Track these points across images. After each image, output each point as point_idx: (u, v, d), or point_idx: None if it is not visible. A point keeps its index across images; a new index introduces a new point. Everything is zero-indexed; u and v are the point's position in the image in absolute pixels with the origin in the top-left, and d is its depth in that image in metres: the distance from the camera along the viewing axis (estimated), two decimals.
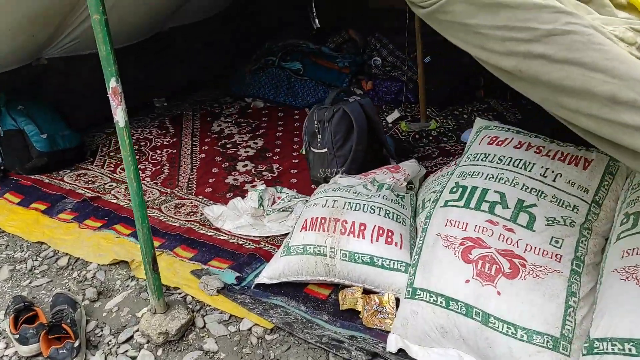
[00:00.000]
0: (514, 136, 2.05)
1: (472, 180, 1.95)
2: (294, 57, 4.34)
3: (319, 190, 2.40)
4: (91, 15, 1.74)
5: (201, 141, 3.70)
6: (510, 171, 1.91)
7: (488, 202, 1.85)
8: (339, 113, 2.75)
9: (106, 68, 1.80)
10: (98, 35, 1.75)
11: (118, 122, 1.86)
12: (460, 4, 1.24)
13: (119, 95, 1.82)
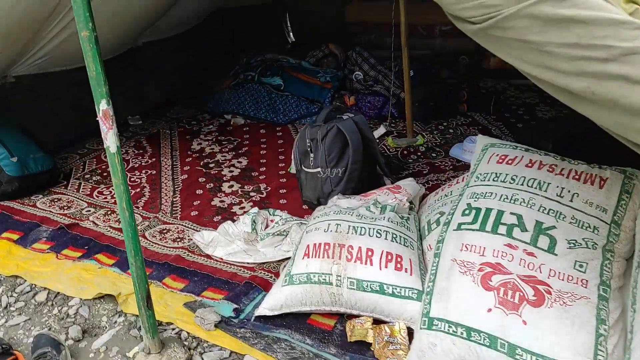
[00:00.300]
0: (523, 154, 1.98)
1: (486, 202, 1.86)
2: (274, 72, 4.23)
3: (318, 214, 2.28)
4: (79, 32, 1.59)
5: (182, 161, 3.53)
6: (525, 192, 1.83)
7: (505, 225, 1.77)
8: (333, 131, 2.65)
9: (96, 89, 1.65)
10: (87, 54, 1.60)
11: (109, 147, 1.70)
12: (524, 19, 1.13)
13: (110, 118, 1.67)
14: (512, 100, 4.29)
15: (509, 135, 3.67)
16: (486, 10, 1.20)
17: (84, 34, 1.58)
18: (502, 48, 1.25)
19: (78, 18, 1.57)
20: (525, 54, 1.20)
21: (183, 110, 4.42)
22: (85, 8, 1.56)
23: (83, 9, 1.56)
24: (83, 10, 1.56)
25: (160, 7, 3.69)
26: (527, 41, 1.15)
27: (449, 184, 2.38)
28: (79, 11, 1.56)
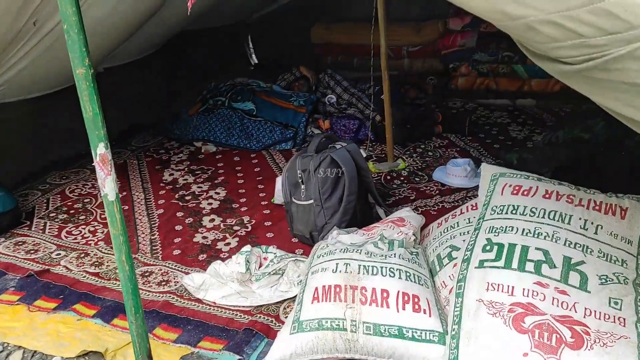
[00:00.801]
0: (538, 184, 1.92)
1: (507, 237, 1.79)
2: (245, 96, 4.08)
3: (321, 252, 2.15)
4: (74, 69, 1.43)
5: (155, 194, 3.33)
6: (548, 225, 1.77)
7: (532, 262, 1.70)
8: (326, 161, 2.53)
9: (92, 131, 1.48)
10: (83, 92, 1.44)
11: (107, 195, 1.53)
12: (637, 60, 1.02)
13: (108, 163, 1.51)
14: (483, 120, 4.30)
15: (487, 156, 3.66)
16: (589, 50, 1.06)
17: (80, 72, 1.42)
18: (603, 91, 1.15)
19: (73, 54, 1.40)
20: (634, 98, 1.10)
21: (148, 139, 4.19)
22: (82, 43, 1.40)
23: (79, 45, 1.39)
24: (79, 46, 1.39)
25: (126, 31, 3.49)
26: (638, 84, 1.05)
27: (452, 215, 2.31)
28: (74, 47, 1.39)
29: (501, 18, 1.14)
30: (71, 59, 1.42)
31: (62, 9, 1.37)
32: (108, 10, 3.06)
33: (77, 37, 1.39)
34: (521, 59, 4.47)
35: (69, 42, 1.40)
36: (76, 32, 1.39)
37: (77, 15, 1.38)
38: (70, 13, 1.37)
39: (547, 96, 4.49)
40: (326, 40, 5.13)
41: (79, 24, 1.39)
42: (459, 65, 4.69)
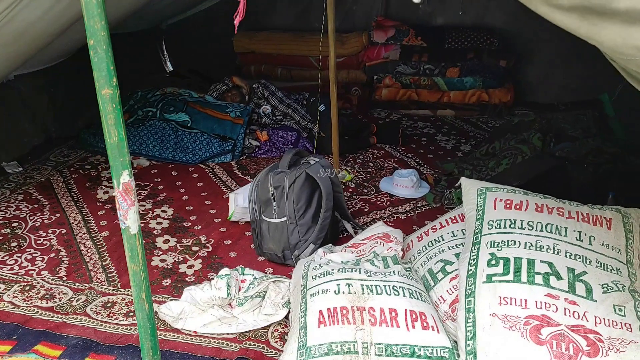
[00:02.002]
0: (527, 198, 2.03)
1: (511, 251, 1.87)
2: (177, 107, 3.88)
3: (315, 273, 2.09)
4: (99, 90, 1.27)
5: (94, 215, 3.05)
6: (547, 238, 1.87)
7: (540, 274, 1.78)
8: (302, 177, 2.48)
9: (116, 159, 1.33)
10: (108, 116, 1.29)
11: (129, 227, 1.39)
12: None
13: (132, 193, 1.36)
14: (410, 131, 4.47)
15: (425, 166, 3.79)
16: None
17: (106, 93, 1.27)
18: None
19: (99, 73, 1.25)
20: None
21: (68, 153, 3.85)
22: (110, 61, 1.25)
23: (107, 63, 1.25)
24: (107, 64, 1.25)
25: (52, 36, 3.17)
26: None
27: (431, 228, 2.36)
28: (101, 65, 1.24)
29: (634, 53, 1.16)
30: (96, 78, 1.26)
31: (90, 22, 1.21)
32: (40, 14, 2.77)
33: (106, 55, 1.24)
34: (441, 72, 4.71)
35: (94, 59, 1.24)
36: (104, 49, 1.24)
37: (106, 30, 1.23)
38: (99, 27, 1.22)
39: (464, 107, 4.77)
40: (249, 49, 5.03)
41: (107, 39, 1.24)
42: (383, 77, 4.82)
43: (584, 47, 4.28)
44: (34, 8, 2.68)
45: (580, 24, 0.90)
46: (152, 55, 5.30)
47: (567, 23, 0.93)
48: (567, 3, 0.89)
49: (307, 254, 2.50)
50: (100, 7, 1.20)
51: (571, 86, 4.82)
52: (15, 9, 2.54)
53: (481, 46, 4.65)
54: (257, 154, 3.87)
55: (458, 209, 2.37)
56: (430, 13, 5.01)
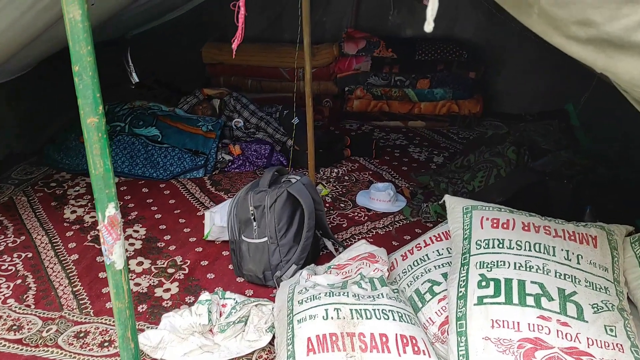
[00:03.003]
0: (513, 217, 2.02)
1: (501, 272, 1.85)
2: (147, 121, 3.77)
3: (301, 297, 2.03)
4: (84, 118, 1.19)
5: (62, 236, 2.91)
6: (536, 257, 1.87)
7: (532, 296, 1.77)
8: (283, 196, 2.42)
9: (102, 191, 1.25)
10: (94, 146, 1.22)
11: (114, 263, 1.30)
12: None
13: (117, 226, 1.28)
14: (383, 142, 4.46)
15: (400, 179, 3.78)
16: None
17: (91, 121, 1.20)
18: None
19: (85, 100, 1.17)
20: None
21: (31, 170, 3.68)
22: (96, 88, 1.18)
23: (93, 90, 1.18)
24: (93, 91, 1.18)
25: (17, 48, 3.02)
26: None
27: (416, 247, 2.33)
28: (86, 92, 1.17)
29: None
30: (81, 105, 1.18)
31: (76, 48, 1.13)
32: (7, 24, 2.63)
33: (92, 81, 1.17)
34: (412, 84, 4.73)
35: (79, 86, 1.16)
36: (90, 76, 1.16)
37: (93, 55, 1.15)
38: (85, 53, 1.14)
39: (435, 118, 4.80)
40: (218, 60, 4.94)
41: (94, 65, 1.16)
42: (354, 89, 4.81)
43: (550, 57, 4.37)
44: (1, 19, 2.55)
45: (597, 56, 0.89)
46: (117, 66, 5.14)
47: (583, 55, 0.91)
48: (584, 35, 0.87)
49: (289, 275, 2.44)
50: (87, 32, 1.12)
51: (538, 96, 4.91)
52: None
53: (450, 58, 4.69)
54: (230, 168, 3.79)
55: (441, 227, 2.36)
56: (399, 24, 5.03)
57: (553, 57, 4.41)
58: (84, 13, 1.12)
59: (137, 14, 4.21)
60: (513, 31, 4.49)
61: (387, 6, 4.95)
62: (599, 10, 0.84)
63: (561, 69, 4.58)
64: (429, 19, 0.93)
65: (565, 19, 0.88)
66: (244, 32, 1.15)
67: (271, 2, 5.07)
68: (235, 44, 1.17)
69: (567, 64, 4.38)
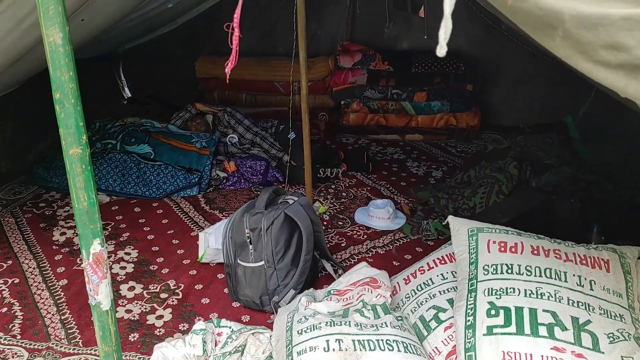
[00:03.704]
0: (521, 240, 1.94)
1: (511, 299, 1.76)
2: (139, 138, 3.67)
3: (301, 326, 1.94)
4: (65, 149, 1.10)
5: (50, 260, 2.81)
6: (547, 284, 1.78)
7: (544, 325, 1.68)
8: (280, 219, 2.33)
9: (86, 226, 1.16)
10: (77, 179, 1.13)
11: (100, 304, 1.20)
12: None
13: (104, 264, 1.18)
14: (380, 157, 4.38)
15: (398, 194, 3.70)
16: None
17: (74, 152, 1.11)
18: None
19: (67, 130, 1.09)
20: None
21: (20, 190, 3.58)
22: (79, 117, 1.09)
23: (75, 118, 1.09)
24: (75, 120, 1.09)
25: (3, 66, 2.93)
26: None
27: (419, 270, 2.24)
28: (68, 121, 1.08)
29: None
30: (62, 135, 1.09)
31: (56, 73, 1.05)
32: None
33: (74, 109, 1.08)
34: (409, 97, 4.66)
35: (61, 114, 1.07)
36: (73, 103, 1.07)
37: (75, 81, 1.07)
38: (67, 79, 1.05)
39: (432, 132, 4.73)
40: (212, 74, 4.86)
41: (76, 92, 1.07)
42: (351, 102, 4.73)
43: (547, 69, 4.31)
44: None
45: (628, 82, 0.81)
46: (109, 82, 5.05)
47: (612, 81, 0.84)
48: (615, 60, 0.80)
49: (287, 300, 2.34)
50: (69, 56, 1.04)
51: (535, 108, 4.86)
52: None
53: (447, 70, 4.62)
54: (225, 185, 3.69)
55: (445, 249, 2.27)
56: (395, 37, 4.97)
57: (550, 70, 4.42)
58: (66, 36, 1.03)
59: (128, 28, 4.13)
60: (509, 43, 4.46)
61: (382, 18, 4.87)
62: (631, 33, 0.77)
63: (558, 81, 4.56)
64: (442, 42, 0.85)
65: (592, 43, 0.81)
66: (238, 51, 1.07)
67: (264, 15, 5.01)
68: (229, 67, 1.09)
69: (564, 77, 4.37)
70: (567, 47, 0.84)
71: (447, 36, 0.83)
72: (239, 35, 1.03)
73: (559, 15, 0.79)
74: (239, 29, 1.02)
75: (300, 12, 2.88)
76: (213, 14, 4.85)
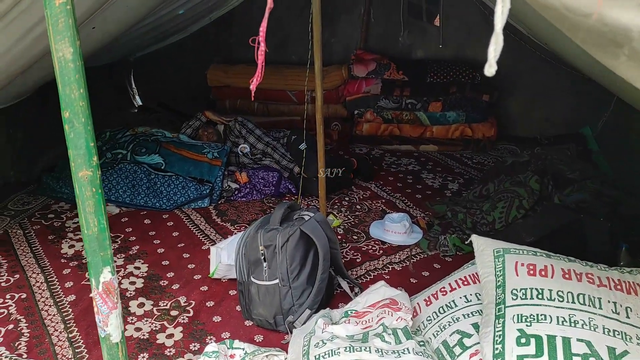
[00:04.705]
0: (551, 262, 1.84)
1: (543, 327, 1.66)
2: (150, 148, 3.61)
3: (318, 351, 1.84)
4: (75, 171, 1.03)
5: (58, 274, 2.74)
6: (581, 311, 1.68)
7: (579, 356, 1.58)
8: (295, 236, 2.24)
9: (96, 253, 1.08)
10: (87, 202, 1.05)
11: (110, 336, 1.12)
12: None
13: (114, 293, 1.10)
14: (395, 168, 4.29)
15: (414, 207, 3.61)
16: None
17: (84, 175, 1.02)
18: None
19: (76, 152, 1.01)
20: None
21: (28, 200, 3.51)
22: (90, 137, 1.01)
23: (86, 139, 1.01)
24: (86, 141, 1.01)
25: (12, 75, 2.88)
26: None
27: (440, 291, 2.15)
28: (78, 142, 1.01)
29: None
30: (72, 157, 1.01)
31: (66, 91, 0.97)
32: (2, 51, 2.49)
33: (84, 129, 1.00)
34: (423, 107, 4.58)
35: (70, 134, 1.00)
36: (83, 123, 0.99)
37: (86, 99, 0.99)
38: (77, 97, 0.98)
39: (447, 142, 4.63)
40: (224, 83, 4.79)
41: (87, 110, 0.99)
42: (364, 112, 4.65)
43: (564, 80, 4.20)
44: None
45: None
46: (120, 90, 5.00)
47: None
48: None
49: (302, 321, 2.25)
50: (79, 72, 0.96)
51: (552, 119, 4.76)
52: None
53: (463, 80, 4.53)
54: (236, 197, 3.61)
55: (467, 269, 2.18)
56: (409, 46, 4.89)
57: (568, 80, 4.32)
58: (76, 51, 0.96)
59: (139, 35, 4.08)
60: (527, 53, 4.36)
61: (397, 27, 4.82)
62: None
63: (576, 92, 4.47)
64: (491, 60, 0.76)
65: None
66: (264, 67, 0.99)
67: (277, 24, 4.95)
68: (254, 84, 1.01)
69: (582, 88, 4.27)
70: (634, 67, 0.75)
71: (498, 54, 0.75)
72: (266, 50, 0.95)
73: (627, 32, 0.70)
74: (264, 44, 0.94)
75: (316, 21, 2.80)
76: (224, 22, 4.80)
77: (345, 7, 4.88)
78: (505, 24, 0.73)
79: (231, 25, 5.03)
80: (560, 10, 0.76)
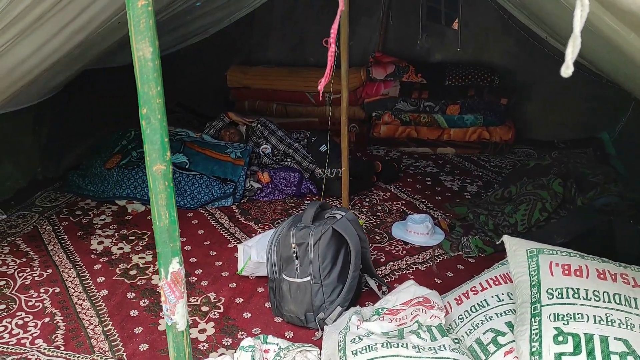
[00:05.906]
0: (586, 263, 1.87)
1: (580, 326, 1.70)
2: (174, 148, 3.65)
3: (355, 347, 1.88)
4: (149, 166, 1.07)
5: (89, 269, 2.78)
6: (617, 310, 1.71)
7: (616, 354, 1.61)
8: (328, 234, 2.28)
9: (166, 244, 1.12)
10: (159, 195, 1.10)
11: (177, 324, 1.16)
12: None
13: (181, 283, 1.15)
14: (413, 170, 4.33)
15: (434, 209, 3.64)
16: None
17: (158, 169, 1.07)
18: None
19: (152, 146, 1.05)
20: None
21: (56, 197, 3.57)
22: (164, 132, 1.05)
23: (161, 135, 1.05)
24: (161, 136, 1.05)
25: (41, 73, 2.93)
26: None
27: (471, 290, 2.18)
28: (154, 137, 1.05)
29: None
30: (147, 151, 1.06)
31: (144, 88, 1.01)
32: (32, 50, 2.55)
33: (160, 125, 1.04)
34: (441, 109, 4.61)
35: (147, 130, 1.04)
36: (159, 119, 1.04)
37: (162, 96, 1.03)
38: (154, 94, 1.02)
39: (465, 145, 4.66)
40: (244, 84, 4.84)
41: (163, 108, 1.04)
42: (382, 114, 4.69)
43: (582, 85, 4.22)
44: (26, 45, 2.47)
45: None
46: None
47: None
48: None
49: (333, 318, 2.29)
50: (157, 71, 1.01)
51: (569, 124, 4.78)
52: (8, 43, 2.32)
53: (482, 84, 4.57)
54: (258, 196, 3.66)
55: (498, 269, 2.21)
56: (428, 49, 4.93)
57: (586, 85, 4.35)
58: (155, 51, 1.00)
59: (161, 35, 4.12)
60: (545, 57, 4.39)
61: (415, 30, 4.86)
62: None
63: (594, 96, 4.49)
64: (569, 62, 0.80)
65: None
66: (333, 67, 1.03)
67: (296, 26, 5.00)
68: (322, 84, 1.05)
69: (600, 92, 4.30)
70: None
71: (575, 55, 0.79)
72: (335, 51, 0.99)
73: None
74: (335, 45, 0.98)
75: (344, 23, 2.84)
76: (245, 23, 4.85)
77: (364, 9, 4.92)
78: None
79: (251, 26, 5.08)
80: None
